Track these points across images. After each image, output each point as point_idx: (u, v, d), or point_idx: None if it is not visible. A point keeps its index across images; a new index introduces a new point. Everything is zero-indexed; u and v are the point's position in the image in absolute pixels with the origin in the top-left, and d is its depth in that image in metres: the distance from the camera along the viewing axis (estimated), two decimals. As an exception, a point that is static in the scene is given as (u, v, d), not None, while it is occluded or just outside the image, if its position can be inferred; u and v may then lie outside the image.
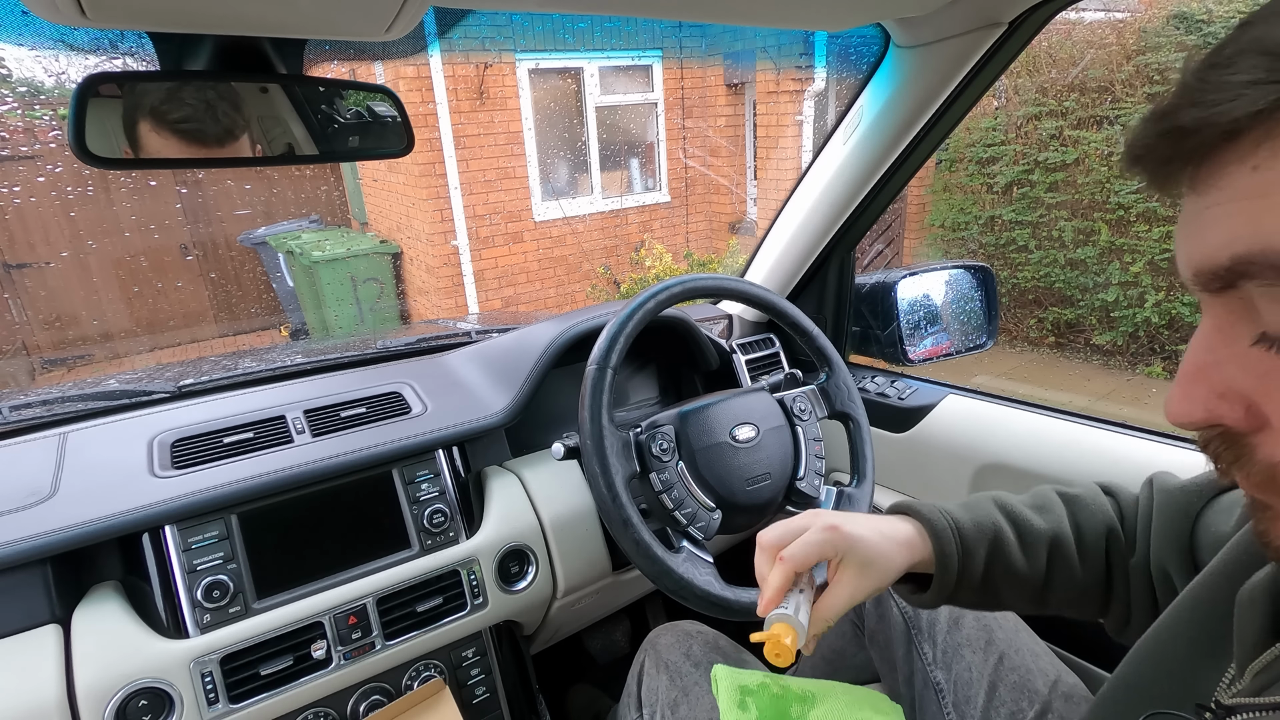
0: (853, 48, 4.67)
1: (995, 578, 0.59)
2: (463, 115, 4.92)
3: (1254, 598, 0.36)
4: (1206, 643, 0.40)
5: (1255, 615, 0.35)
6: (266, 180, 6.00)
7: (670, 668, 0.83)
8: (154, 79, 0.66)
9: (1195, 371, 0.30)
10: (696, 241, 6.32)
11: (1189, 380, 0.30)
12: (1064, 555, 0.60)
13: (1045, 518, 0.61)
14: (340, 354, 1.18)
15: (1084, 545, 0.60)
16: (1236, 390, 0.28)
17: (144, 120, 0.65)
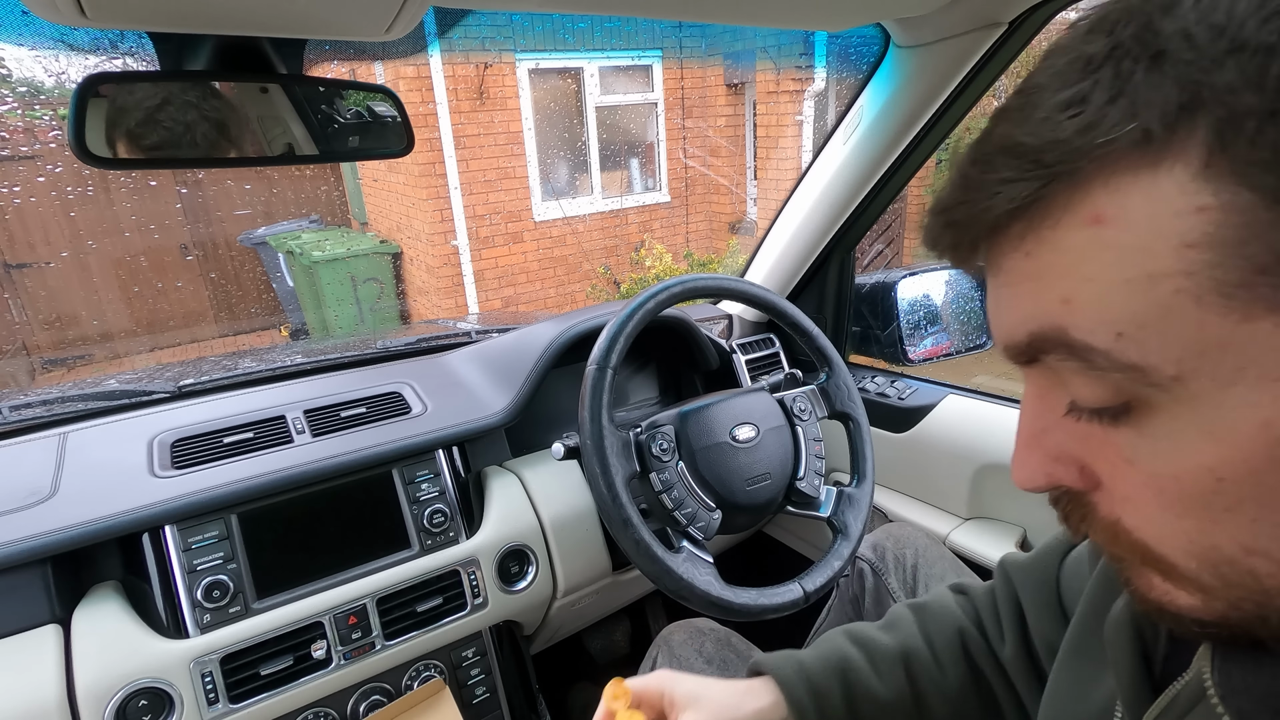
0: (853, 48, 4.66)
1: (861, 710, 0.56)
2: (463, 115, 4.92)
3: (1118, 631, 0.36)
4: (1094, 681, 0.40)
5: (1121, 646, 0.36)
6: (266, 180, 6.00)
7: (683, 664, 0.83)
8: (154, 79, 0.66)
9: (1028, 438, 0.30)
10: (696, 241, 6.32)
11: (1024, 447, 0.31)
12: (922, 667, 0.58)
13: (894, 635, 0.60)
14: (340, 354, 1.18)
15: (937, 651, 0.59)
16: (1068, 453, 0.29)
17: (145, 119, 0.65)
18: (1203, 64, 0.21)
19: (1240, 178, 0.21)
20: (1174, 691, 0.32)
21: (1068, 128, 0.23)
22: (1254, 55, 0.20)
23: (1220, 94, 0.21)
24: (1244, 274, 0.21)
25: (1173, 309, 0.23)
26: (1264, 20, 0.20)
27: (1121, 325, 0.24)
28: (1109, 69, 0.23)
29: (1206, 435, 0.24)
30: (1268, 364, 0.22)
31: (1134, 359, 0.24)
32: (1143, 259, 0.23)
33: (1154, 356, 0.24)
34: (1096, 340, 0.25)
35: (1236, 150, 0.21)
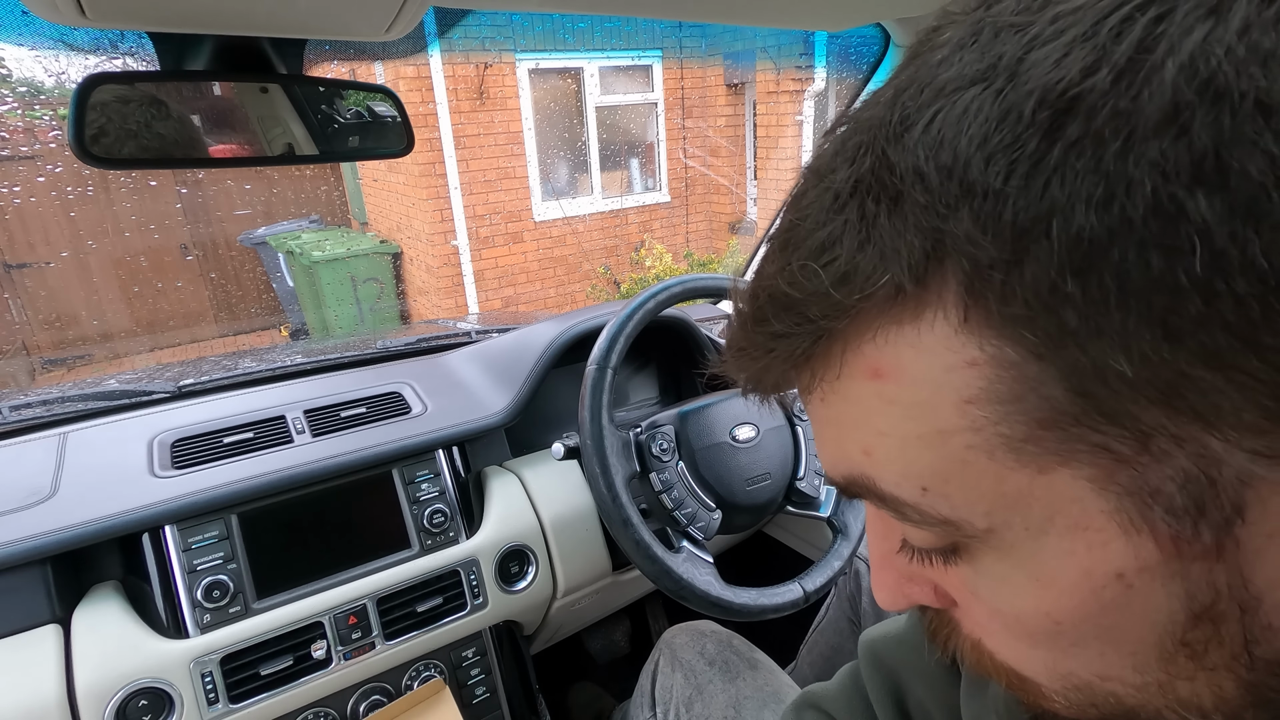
0: (853, 48, 4.66)
1: None
2: (463, 115, 4.92)
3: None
4: None
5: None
6: (266, 180, 6.00)
7: (685, 666, 0.83)
8: (154, 79, 0.66)
9: (879, 560, 0.29)
10: (696, 241, 6.32)
11: (878, 568, 0.30)
12: None
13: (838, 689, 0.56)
14: (340, 354, 1.18)
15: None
16: (920, 574, 0.28)
17: (145, 119, 0.65)
18: (938, 210, 0.19)
19: (999, 331, 0.19)
20: None
21: (824, 279, 0.21)
22: (984, 200, 0.18)
23: (961, 244, 0.19)
24: (1028, 429, 0.20)
25: (969, 464, 0.21)
26: (987, 160, 0.18)
27: (925, 480, 0.23)
28: (854, 208, 0.21)
29: (1033, 581, 0.23)
30: (1073, 513, 0.21)
31: (944, 513, 0.23)
32: (928, 414, 0.22)
33: (962, 511, 0.23)
34: (904, 494, 0.24)
35: (987, 302, 0.19)
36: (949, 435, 0.21)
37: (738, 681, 0.79)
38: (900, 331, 0.21)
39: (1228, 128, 0.16)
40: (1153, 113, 0.17)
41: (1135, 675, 0.23)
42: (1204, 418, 0.18)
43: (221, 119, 0.70)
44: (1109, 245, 0.17)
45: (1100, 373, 0.18)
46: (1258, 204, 0.16)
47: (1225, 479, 0.19)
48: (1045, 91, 0.18)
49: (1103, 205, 0.17)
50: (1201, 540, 0.20)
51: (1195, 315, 0.17)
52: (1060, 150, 0.17)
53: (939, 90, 0.20)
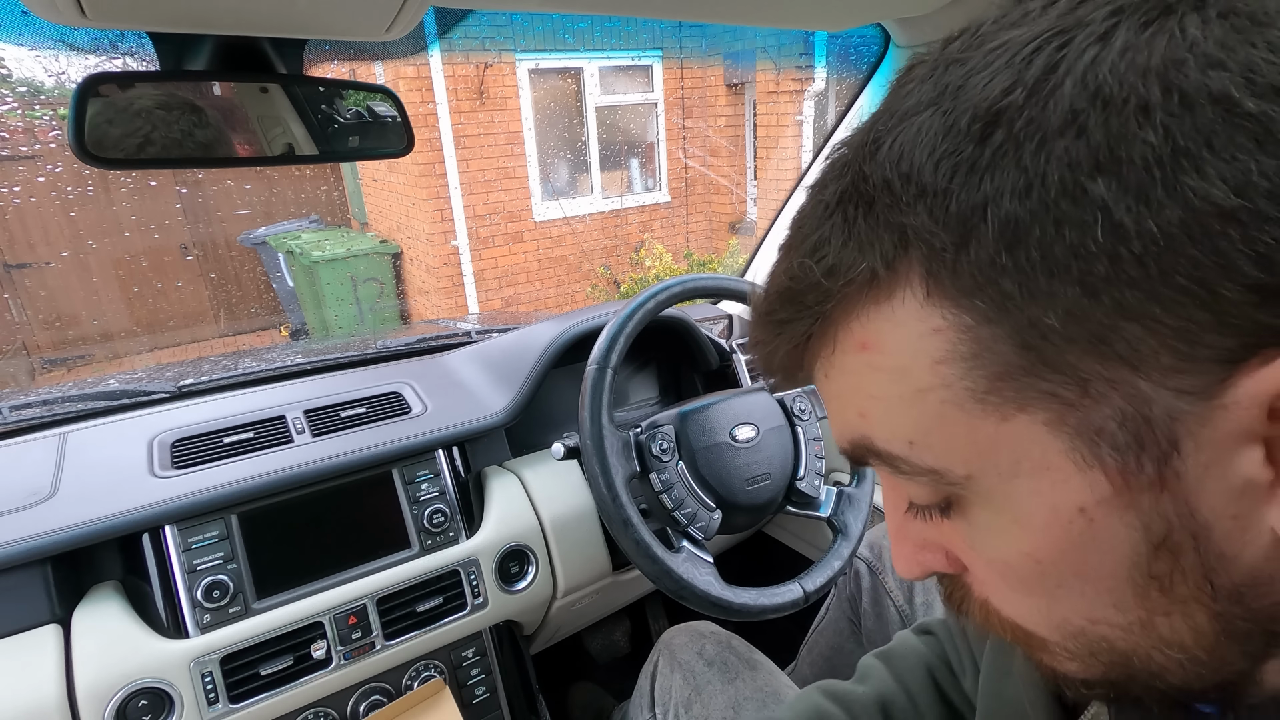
0: (853, 48, 4.66)
1: None
2: (463, 115, 4.92)
3: (1031, 671, 0.37)
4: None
5: (1037, 688, 0.37)
6: (266, 180, 6.00)
7: (684, 667, 0.83)
8: (154, 79, 0.66)
9: (896, 531, 0.33)
10: (696, 241, 6.32)
11: (895, 539, 0.33)
12: (900, 712, 0.58)
13: (868, 685, 0.59)
14: (340, 354, 1.18)
15: (913, 694, 0.58)
16: (932, 541, 0.31)
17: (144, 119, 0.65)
18: (901, 208, 0.24)
19: (955, 301, 0.23)
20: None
21: (817, 272, 0.26)
22: (934, 197, 0.23)
23: (920, 233, 0.23)
24: (988, 381, 0.24)
25: (944, 416, 0.25)
26: (935, 165, 0.23)
27: (910, 435, 0.27)
28: (839, 214, 0.26)
29: (1014, 524, 0.26)
30: (1035, 455, 0.24)
31: (930, 463, 0.27)
32: (907, 377, 0.26)
33: (944, 460, 0.26)
34: (895, 449, 0.27)
35: (943, 279, 0.23)
36: (925, 393, 0.25)
37: (736, 682, 0.79)
38: (879, 310, 0.25)
39: (1115, 126, 0.20)
40: (1057, 119, 0.21)
41: (1118, 614, 0.26)
42: (1129, 363, 0.22)
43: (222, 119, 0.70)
44: (1031, 224, 0.21)
45: (1038, 328, 0.22)
46: (1144, 183, 0.20)
47: (1157, 416, 0.22)
48: (976, 108, 0.22)
49: (1024, 193, 0.21)
50: (1145, 472, 0.23)
51: (1105, 275, 0.21)
52: (989, 153, 0.22)
53: (902, 115, 0.25)
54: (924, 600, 0.85)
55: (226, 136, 0.69)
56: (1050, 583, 0.27)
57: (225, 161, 0.75)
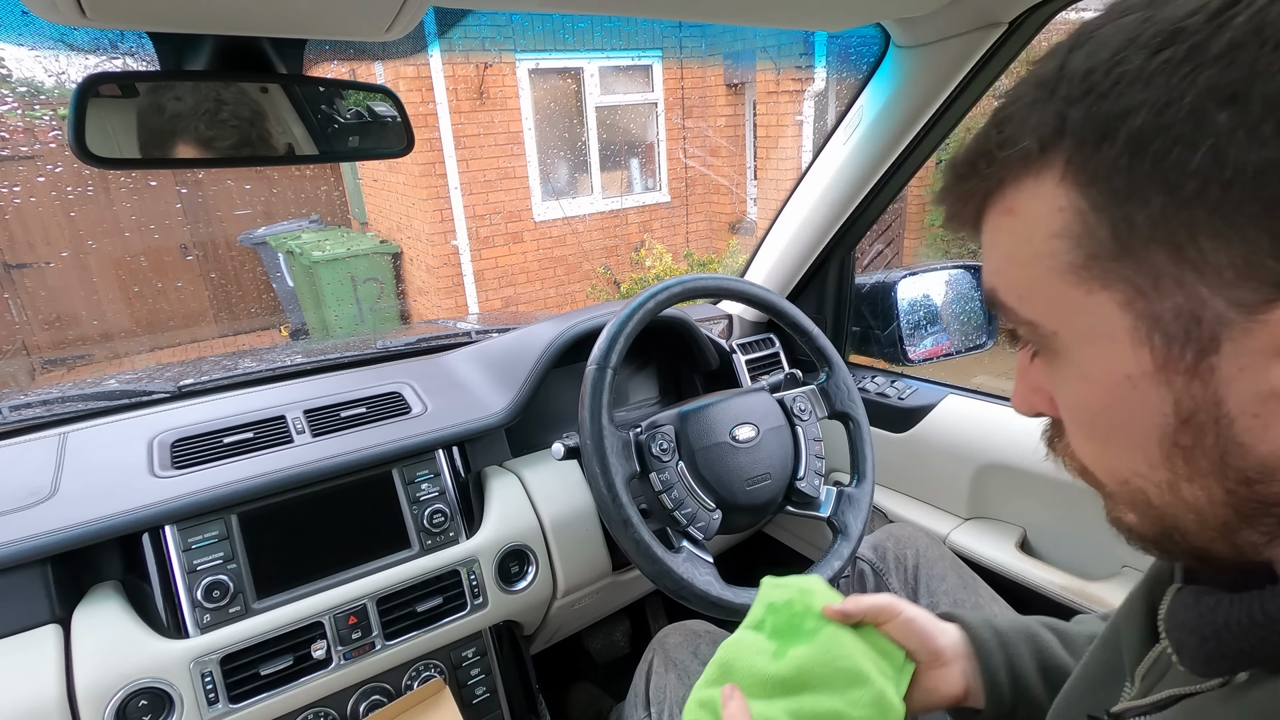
0: (853, 48, 4.66)
1: (1050, 677, 0.55)
2: (463, 115, 4.91)
3: (1131, 608, 0.40)
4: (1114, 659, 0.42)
5: (1134, 623, 0.39)
6: (266, 180, 6.00)
7: (679, 666, 0.83)
8: (154, 79, 0.66)
9: (1020, 375, 0.38)
10: (696, 241, 6.32)
11: (1018, 379, 0.38)
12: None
13: (1082, 625, 0.60)
14: (340, 354, 1.18)
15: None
16: (1042, 388, 0.36)
17: (145, 119, 0.65)
18: (1071, 99, 0.28)
19: (1079, 189, 0.28)
20: (1159, 648, 0.37)
21: (995, 140, 0.31)
22: (1096, 98, 0.27)
23: (1073, 125, 0.28)
24: (1085, 259, 0.29)
25: (1048, 281, 0.30)
26: (1108, 70, 0.27)
27: (1020, 290, 0.32)
28: (1034, 92, 0.30)
29: (1080, 378, 0.32)
30: (1105, 326, 0.29)
31: (1030, 316, 0.32)
32: (1030, 242, 0.31)
33: (1040, 316, 0.32)
34: (1009, 300, 0.33)
35: (1077, 168, 0.28)
36: (1039, 258, 0.30)
37: None
38: (1027, 183, 0.30)
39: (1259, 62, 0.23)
40: (1218, 46, 0.24)
41: (1150, 471, 0.31)
42: (1196, 269, 0.26)
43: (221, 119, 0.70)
44: (1154, 138, 0.25)
45: (1130, 224, 0.27)
46: (1259, 120, 0.23)
47: (1208, 318, 0.26)
48: (1163, 23, 0.26)
49: (1161, 109, 0.25)
50: (1185, 360, 0.27)
51: (1194, 192, 0.25)
52: (1153, 67, 0.25)
53: (1121, 11, 0.28)
54: (928, 603, 0.85)
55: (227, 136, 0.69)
56: (1101, 431, 0.32)
57: (225, 161, 0.75)
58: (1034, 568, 0.97)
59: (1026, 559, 0.99)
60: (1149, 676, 0.37)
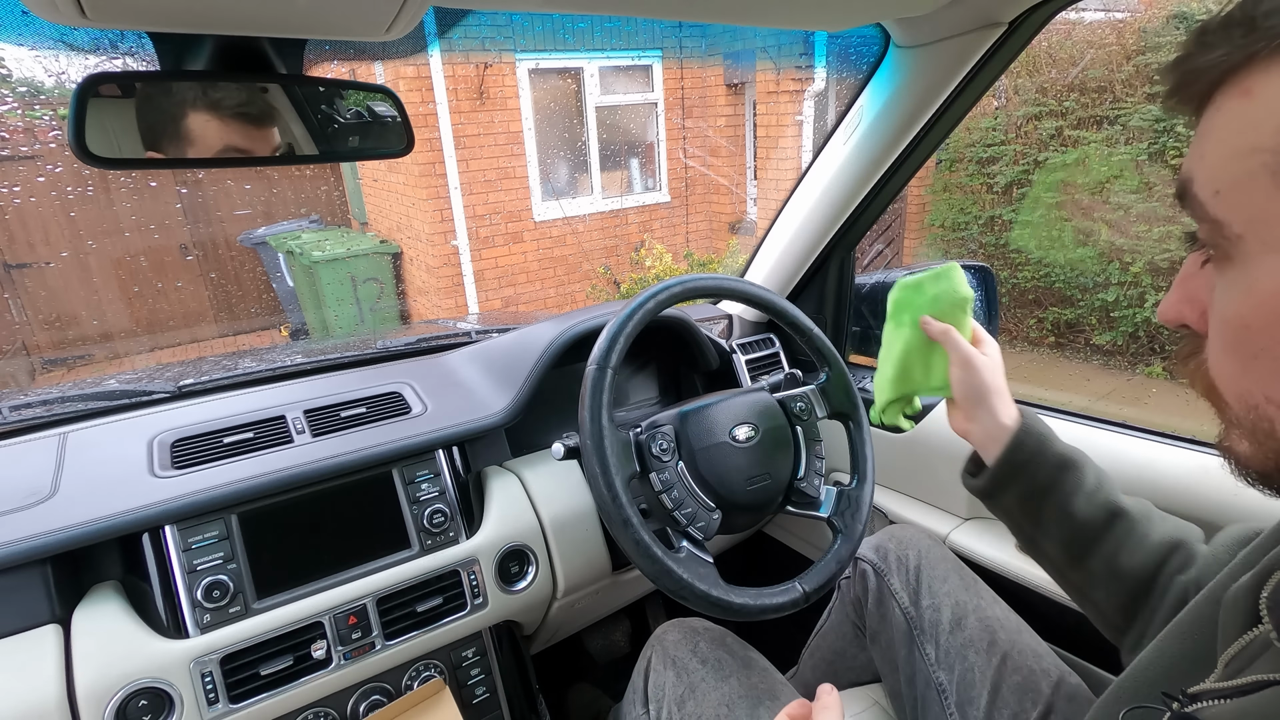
0: (853, 48, 4.66)
1: (1050, 502, 0.63)
2: (463, 115, 4.91)
3: (1237, 598, 0.39)
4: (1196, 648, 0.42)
5: (1236, 613, 0.38)
6: (266, 180, 6.00)
7: (677, 664, 0.83)
8: (154, 79, 0.66)
9: (1179, 281, 0.37)
10: (696, 241, 6.32)
11: (1174, 288, 0.37)
12: (1122, 531, 0.61)
13: (1127, 501, 0.63)
14: (340, 354, 1.18)
15: (1145, 539, 0.61)
16: (1198, 299, 0.35)
17: (145, 119, 0.65)
18: None
19: None
20: (1251, 635, 0.37)
21: (1261, 9, 0.29)
22: None
23: None
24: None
25: (1255, 178, 0.29)
26: None
27: (1220, 184, 0.31)
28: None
29: (1246, 290, 0.31)
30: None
31: (1219, 214, 0.31)
32: (1254, 132, 0.29)
33: (1230, 215, 0.30)
34: (1202, 193, 0.32)
35: None
36: (1257, 153, 0.29)
37: (730, 680, 0.79)
38: (1277, 64, 0.28)
39: None
40: None
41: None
42: None
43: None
44: None
45: None
46: None
47: None
48: None
49: None
50: None
51: None
52: None
53: None
54: (930, 604, 0.85)
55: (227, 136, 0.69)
56: (1248, 350, 0.32)
57: (225, 161, 0.75)
58: (1034, 568, 0.97)
59: (1027, 559, 0.99)
60: (1236, 661, 0.37)
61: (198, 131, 0.67)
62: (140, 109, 0.65)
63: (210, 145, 0.68)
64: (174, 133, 0.67)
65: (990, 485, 0.68)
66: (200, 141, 0.68)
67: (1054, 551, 0.65)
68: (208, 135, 0.68)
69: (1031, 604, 0.92)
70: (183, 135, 0.67)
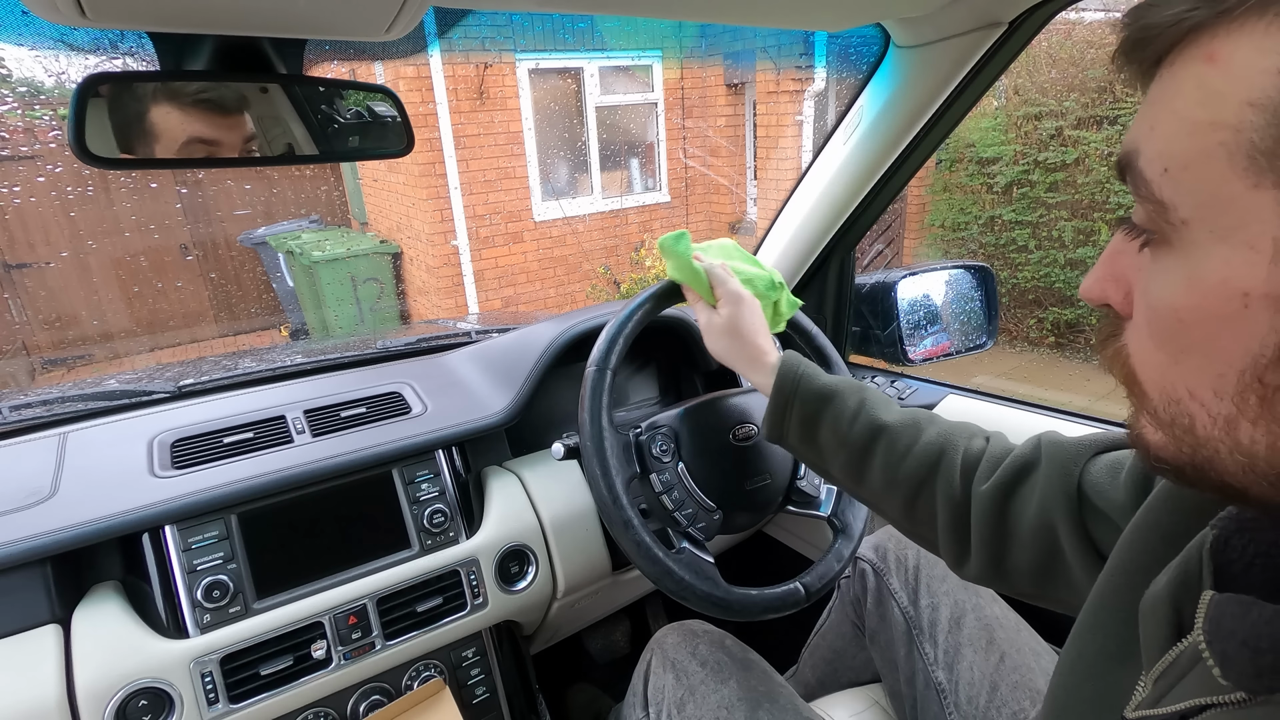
0: (853, 48, 4.66)
1: (821, 431, 0.69)
2: (463, 115, 4.92)
3: (1155, 606, 0.36)
4: (1117, 649, 0.40)
5: (1158, 624, 0.36)
6: (266, 180, 6.00)
7: (677, 667, 0.83)
8: (154, 79, 0.66)
9: (1106, 256, 0.34)
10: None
11: (1100, 263, 0.35)
12: (885, 445, 0.66)
13: (890, 418, 0.67)
14: (340, 354, 1.18)
15: (909, 449, 0.64)
16: (1124, 277, 0.33)
17: (145, 120, 0.65)
18: None
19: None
20: (1178, 650, 0.34)
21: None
22: None
23: None
24: (1272, 144, 0.24)
25: (1210, 158, 0.26)
26: None
27: (1171, 161, 0.28)
28: None
29: (1186, 280, 0.28)
30: (1253, 231, 0.25)
31: (1165, 196, 0.28)
32: (1216, 104, 0.26)
33: (1178, 197, 0.28)
34: (1149, 170, 0.29)
35: None
36: (1215, 128, 0.26)
37: (730, 683, 0.79)
38: (1249, 27, 0.25)
39: None
40: None
41: (1214, 400, 0.28)
42: None
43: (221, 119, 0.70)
44: None
45: None
46: None
47: None
48: None
49: None
50: None
51: None
52: None
53: None
54: (929, 603, 0.85)
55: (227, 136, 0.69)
56: (1178, 344, 0.29)
57: (225, 161, 0.75)
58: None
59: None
60: (1165, 678, 0.35)
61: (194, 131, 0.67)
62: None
63: (210, 146, 0.68)
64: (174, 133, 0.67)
65: (769, 430, 0.73)
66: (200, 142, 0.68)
67: (841, 476, 0.70)
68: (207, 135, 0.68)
69: (1030, 604, 0.92)
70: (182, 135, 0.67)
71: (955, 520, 0.61)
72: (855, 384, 0.71)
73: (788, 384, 0.71)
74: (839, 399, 0.69)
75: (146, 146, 0.67)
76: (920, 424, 0.66)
